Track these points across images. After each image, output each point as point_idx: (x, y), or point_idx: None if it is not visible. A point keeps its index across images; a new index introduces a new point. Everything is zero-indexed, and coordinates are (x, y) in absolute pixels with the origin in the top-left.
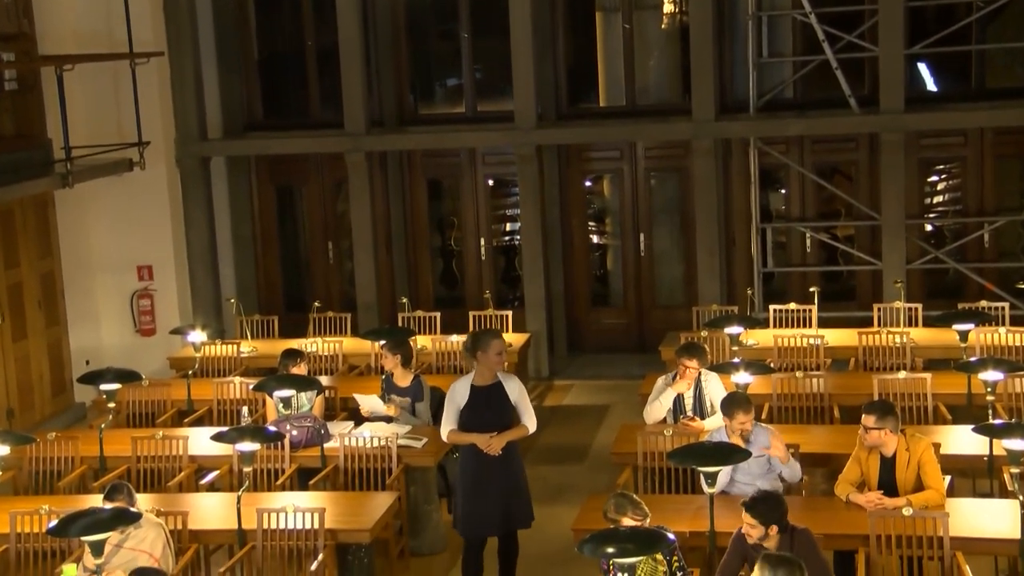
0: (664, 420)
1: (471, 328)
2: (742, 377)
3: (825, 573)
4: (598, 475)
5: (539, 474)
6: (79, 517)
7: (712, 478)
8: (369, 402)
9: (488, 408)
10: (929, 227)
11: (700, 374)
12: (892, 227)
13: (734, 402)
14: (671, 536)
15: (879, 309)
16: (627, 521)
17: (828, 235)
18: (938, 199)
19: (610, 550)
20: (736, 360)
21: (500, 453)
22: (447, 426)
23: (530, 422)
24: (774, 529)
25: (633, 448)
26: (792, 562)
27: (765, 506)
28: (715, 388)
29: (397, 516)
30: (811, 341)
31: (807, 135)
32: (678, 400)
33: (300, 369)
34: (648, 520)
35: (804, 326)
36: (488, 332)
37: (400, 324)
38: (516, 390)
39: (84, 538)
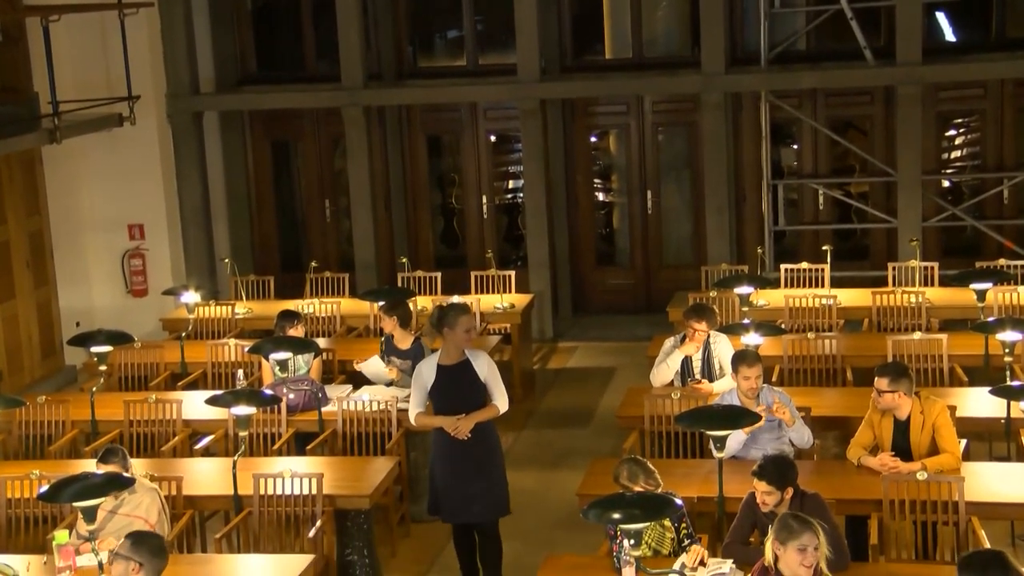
0: (671, 383)
1: (472, 289)
2: (752, 338)
3: (837, 538)
4: (603, 439)
5: (543, 438)
6: (71, 482)
7: (721, 442)
8: (370, 366)
9: (456, 388)
10: (946, 183)
11: (709, 336)
12: (908, 183)
13: (739, 356)
14: (679, 502)
15: (894, 268)
16: (639, 489)
17: (841, 192)
18: (956, 154)
19: (616, 516)
20: (746, 321)
21: (470, 436)
22: (414, 409)
23: (501, 401)
24: (790, 492)
25: (639, 412)
26: (813, 523)
27: (776, 469)
28: (724, 350)
29: (397, 481)
30: (823, 301)
31: (820, 88)
32: (686, 362)
33: (297, 331)
34: (660, 489)
35: (816, 286)
36: (456, 307)
37: (399, 284)
38: (485, 367)
39: (76, 504)
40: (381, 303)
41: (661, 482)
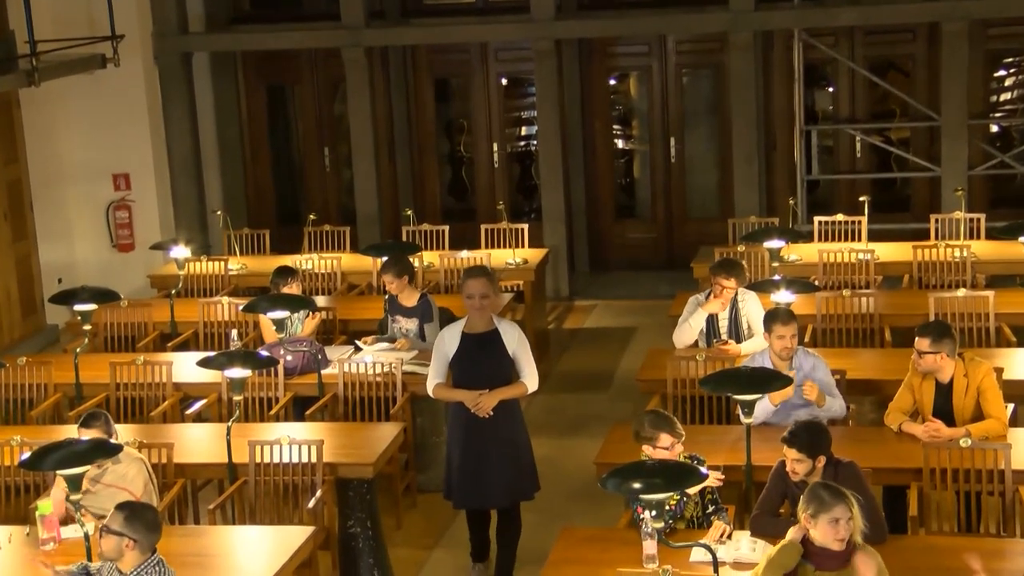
0: (696, 344)
1: (482, 244)
2: (783, 296)
3: (874, 510)
4: (623, 404)
5: (559, 403)
6: (54, 449)
7: (749, 407)
8: (376, 350)
9: (480, 361)
10: (994, 128)
11: (737, 294)
12: (953, 128)
13: (773, 315)
14: (704, 470)
15: (936, 220)
16: (661, 441)
17: (880, 138)
18: (1005, 96)
19: (636, 486)
20: (776, 278)
21: (491, 414)
22: (433, 379)
23: (530, 380)
24: (822, 460)
25: (662, 375)
26: (845, 493)
27: (808, 436)
28: (753, 309)
29: (402, 449)
30: (860, 256)
31: (858, 25)
32: (712, 322)
33: (294, 288)
34: (682, 441)
35: (852, 240)
36: (470, 269)
37: (404, 239)
38: (515, 340)
39: (60, 472)
40: (384, 259)
41: (683, 433)
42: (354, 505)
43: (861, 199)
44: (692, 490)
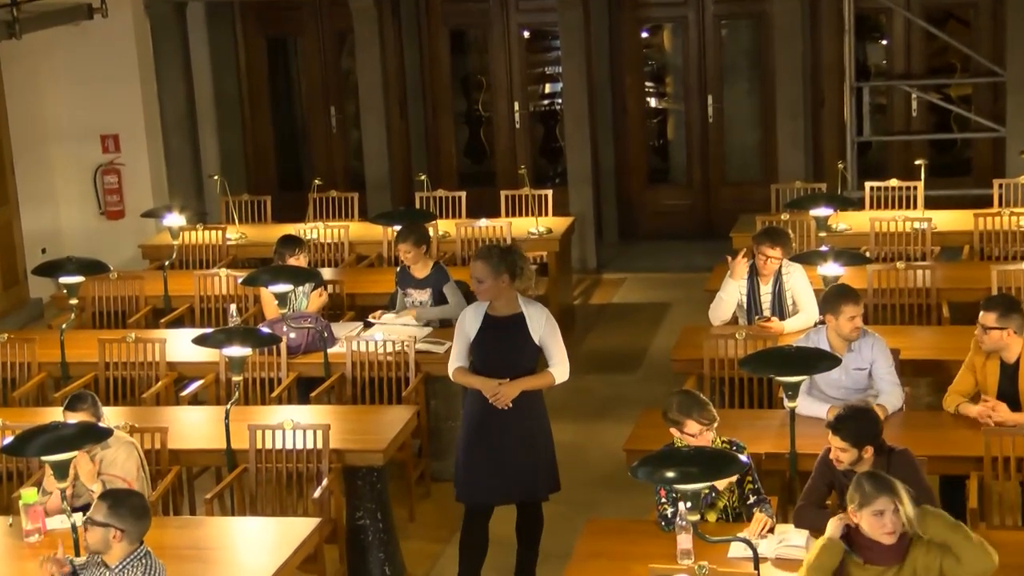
0: (735, 321)
1: (503, 211)
2: (831, 269)
3: (929, 501)
4: (655, 386)
5: (585, 385)
6: (39, 433)
7: (793, 390)
8: (388, 325)
9: (502, 347)
10: None
11: (781, 266)
12: (1019, 84)
13: (842, 293)
14: (744, 458)
15: (1000, 185)
16: (688, 427)
17: (939, 95)
18: None
19: (670, 475)
20: (823, 249)
21: (510, 406)
22: (454, 362)
23: (559, 369)
24: (869, 451)
25: (697, 354)
26: (891, 484)
27: (855, 424)
28: (799, 283)
29: (415, 434)
30: (916, 225)
31: None
32: (753, 297)
33: (298, 260)
34: (714, 427)
35: (907, 207)
36: (479, 250)
37: (417, 206)
38: (541, 325)
39: (45, 458)
40: (396, 228)
41: (716, 417)
42: (363, 495)
43: (917, 162)
44: (722, 484)
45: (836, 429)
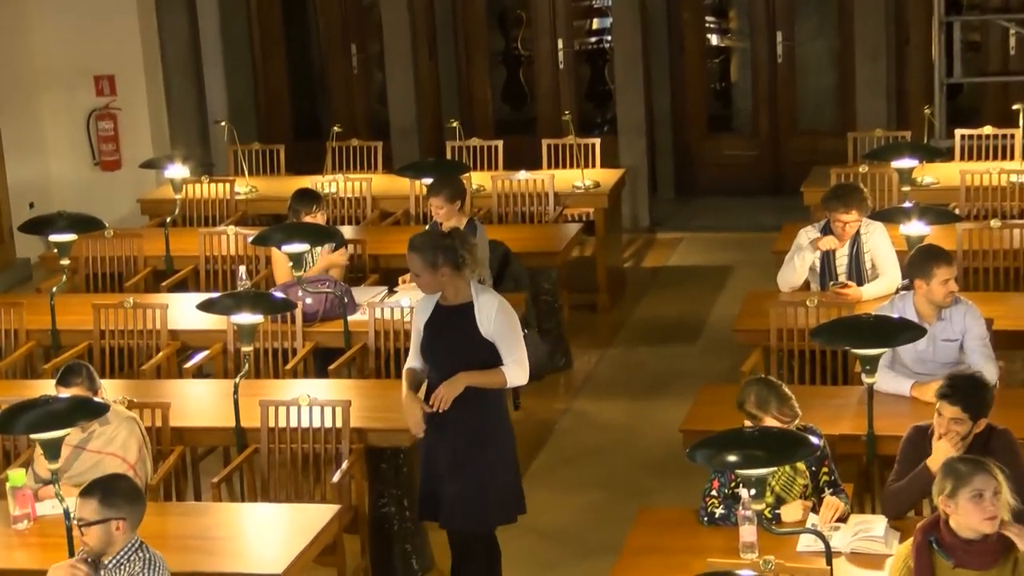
0: (807, 287)
1: (544, 163)
2: (915, 227)
3: None
4: (715, 360)
5: (635, 358)
6: (27, 408)
7: (872, 364)
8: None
9: (447, 340)
10: None
11: (859, 224)
12: None
13: (935, 254)
14: (816, 440)
15: None
16: (769, 421)
17: None
18: None
19: (732, 459)
20: (907, 205)
21: (443, 409)
22: (407, 362)
23: (512, 369)
24: (983, 424)
25: (763, 324)
26: (987, 464)
27: (973, 391)
28: (879, 243)
29: None
30: (1012, 179)
31: None
32: (827, 259)
33: (315, 217)
34: (798, 422)
35: (1003, 158)
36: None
37: (448, 156)
38: (491, 317)
39: (34, 436)
40: (427, 180)
41: (799, 412)
42: (387, 479)
43: (1015, 107)
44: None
45: (950, 396)
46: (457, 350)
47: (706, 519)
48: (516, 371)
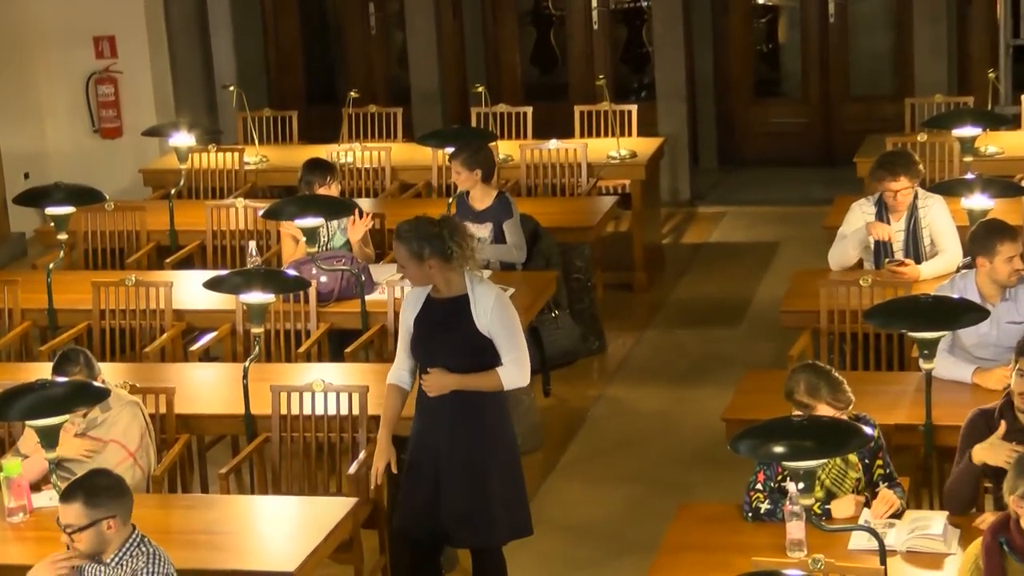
0: (860, 265)
1: (577, 131)
2: (978, 201)
3: None
4: (760, 343)
5: (674, 341)
6: (22, 393)
7: (930, 348)
8: None
9: (438, 336)
10: None
11: (916, 197)
12: None
13: (998, 229)
14: (869, 430)
15: None
16: (822, 409)
17: None
18: None
19: (779, 450)
20: (969, 176)
21: (437, 405)
22: (396, 362)
23: (510, 370)
24: None
25: (813, 305)
26: None
27: None
28: (939, 217)
29: None
30: None
31: None
32: None
33: (330, 189)
34: (851, 409)
35: None
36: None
37: (474, 124)
38: (488, 310)
39: (30, 423)
40: (450, 149)
41: (852, 398)
42: None
43: None
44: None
45: None
46: (451, 348)
47: (750, 515)
48: (514, 372)
